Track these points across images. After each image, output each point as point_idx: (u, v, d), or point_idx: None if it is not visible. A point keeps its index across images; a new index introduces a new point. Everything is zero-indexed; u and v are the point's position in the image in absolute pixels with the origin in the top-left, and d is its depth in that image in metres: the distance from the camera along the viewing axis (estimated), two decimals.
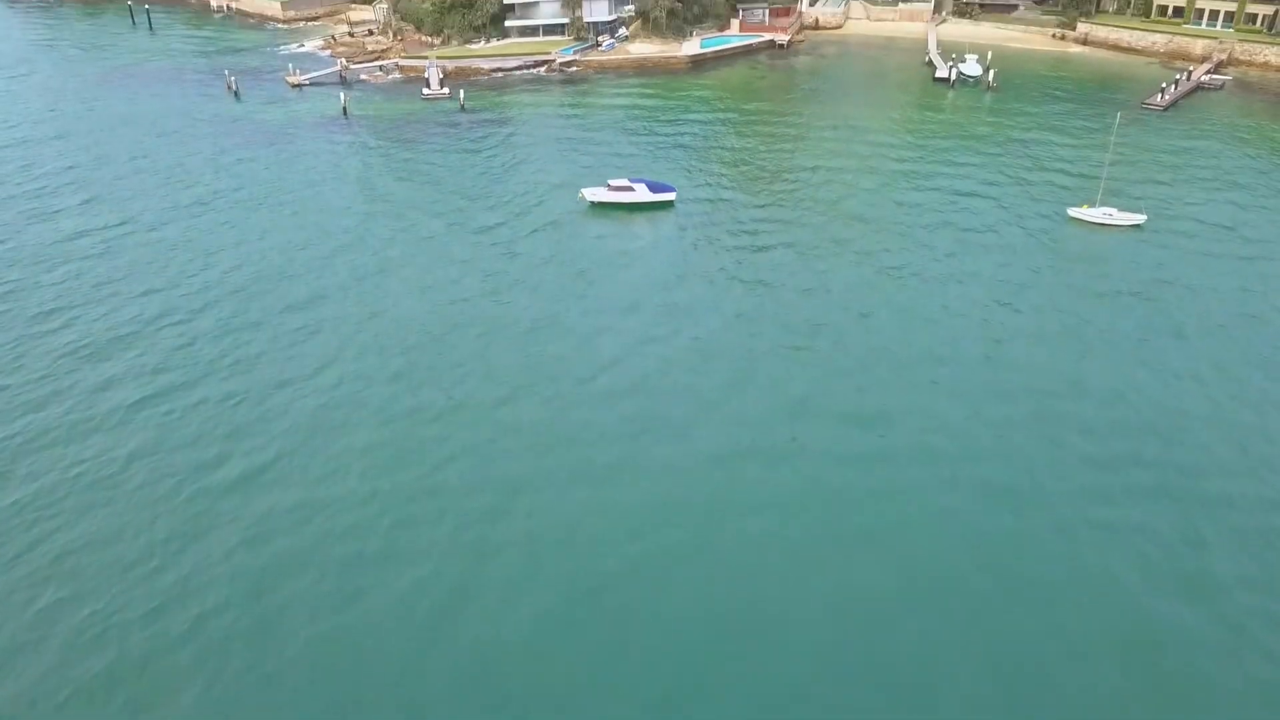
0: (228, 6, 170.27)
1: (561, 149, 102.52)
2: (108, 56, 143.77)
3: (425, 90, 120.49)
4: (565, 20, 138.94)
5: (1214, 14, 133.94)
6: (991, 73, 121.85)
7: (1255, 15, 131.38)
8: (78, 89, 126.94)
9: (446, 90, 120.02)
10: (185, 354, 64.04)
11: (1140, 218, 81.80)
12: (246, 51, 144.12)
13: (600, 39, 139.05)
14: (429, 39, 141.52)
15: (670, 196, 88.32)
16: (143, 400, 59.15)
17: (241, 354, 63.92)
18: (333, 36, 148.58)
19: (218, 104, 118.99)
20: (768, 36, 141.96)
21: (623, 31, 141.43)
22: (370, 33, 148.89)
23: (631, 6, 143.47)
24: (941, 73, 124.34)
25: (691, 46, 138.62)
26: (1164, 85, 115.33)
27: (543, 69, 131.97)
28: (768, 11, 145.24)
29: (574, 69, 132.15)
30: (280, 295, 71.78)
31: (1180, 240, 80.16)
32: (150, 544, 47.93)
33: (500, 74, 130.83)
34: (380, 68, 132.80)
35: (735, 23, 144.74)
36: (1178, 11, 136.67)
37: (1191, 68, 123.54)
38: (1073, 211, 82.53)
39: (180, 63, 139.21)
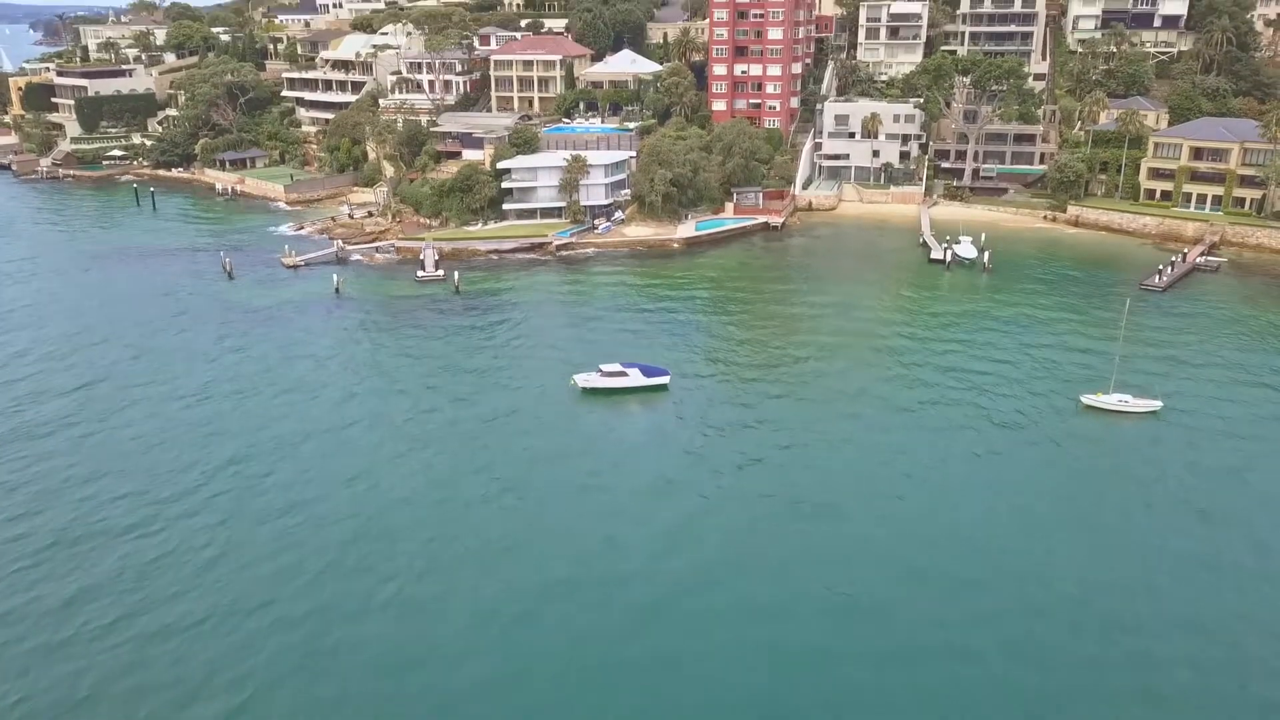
0: (232, 189, 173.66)
1: (554, 332, 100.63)
2: (109, 236, 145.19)
3: (420, 272, 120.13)
4: (563, 204, 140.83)
5: (1202, 198, 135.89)
6: (986, 254, 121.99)
7: (1243, 199, 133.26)
8: (75, 268, 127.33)
9: (441, 272, 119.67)
10: (164, 565, 59.12)
11: (1156, 404, 78.62)
12: (246, 232, 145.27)
13: (597, 221, 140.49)
14: (427, 221, 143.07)
15: (664, 380, 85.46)
16: (115, 621, 53.74)
17: (221, 567, 59.06)
18: (332, 218, 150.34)
19: (212, 285, 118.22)
20: (762, 218, 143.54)
21: (619, 214, 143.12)
22: (370, 215, 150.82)
23: (628, 190, 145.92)
24: (936, 254, 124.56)
25: (687, 229, 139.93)
26: (1161, 267, 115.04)
27: (539, 251, 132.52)
28: (761, 195, 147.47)
29: (571, 251, 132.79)
30: (262, 496, 67.53)
31: (1198, 426, 76.66)
32: None
33: (497, 255, 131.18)
34: (376, 249, 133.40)
35: (730, 205, 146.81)
36: (1166, 195, 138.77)
37: (1186, 249, 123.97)
38: (1086, 399, 79.31)
39: (179, 243, 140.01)
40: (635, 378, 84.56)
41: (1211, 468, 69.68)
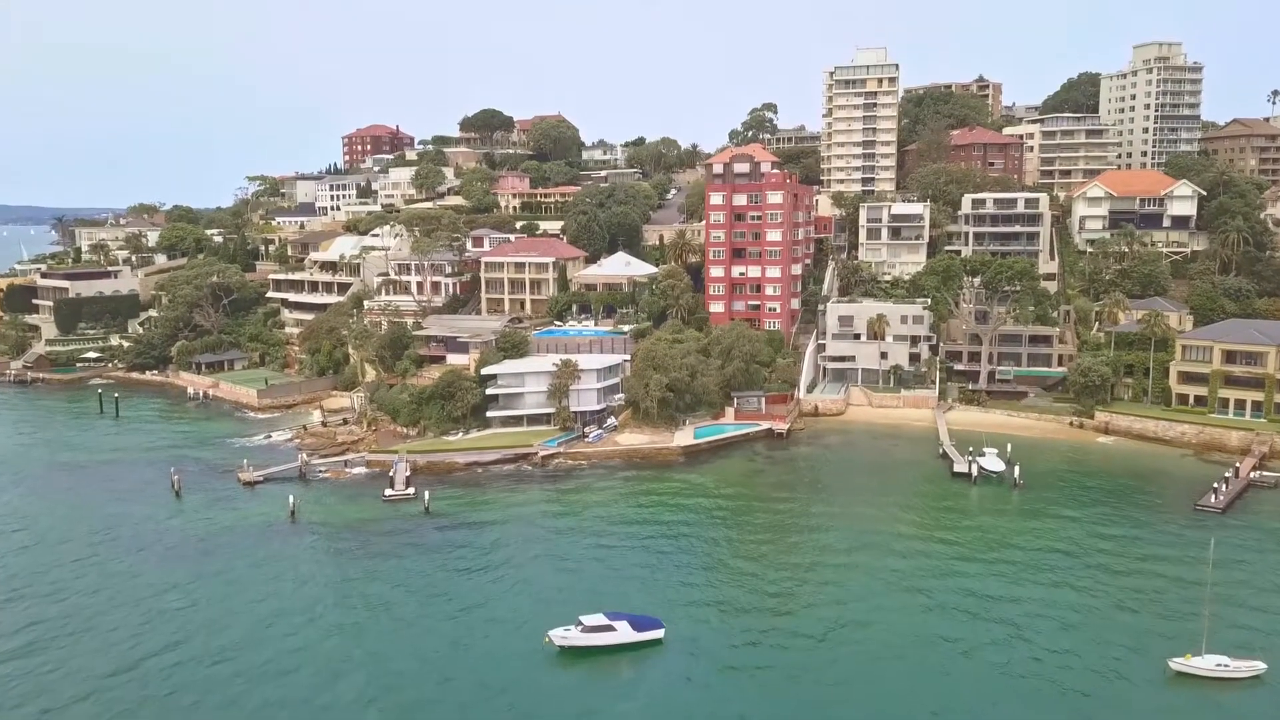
0: (204, 393, 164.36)
1: (530, 567, 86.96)
2: (60, 448, 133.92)
3: (388, 490, 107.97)
4: (551, 410, 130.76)
5: (1240, 403, 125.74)
6: (1016, 468, 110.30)
7: None
8: (10, 485, 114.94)
9: (411, 490, 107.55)
10: None
11: (1260, 666, 64.68)
12: (209, 443, 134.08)
13: (588, 429, 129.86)
14: (404, 430, 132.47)
15: (658, 634, 71.82)
16: None
17: None
18: (304, 426, 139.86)
19: (156, 508, 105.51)
20: (765, 424, 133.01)
21: (611, 421, 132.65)
22: (345, 422, 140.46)
23: (621, 395, 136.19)
24: (960, 467, 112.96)
25: (685, 436, 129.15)
26: (1215, 484, 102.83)
27: (523, 462, 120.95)
28: (764, 399, 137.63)
29: (558, 461, 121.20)
30: None
31: None
32: None
33: (478, 468, 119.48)
34: (345, 462, 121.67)
35: (730, 410, 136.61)
36: (1199, 400, 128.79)
37: (1237, 463, 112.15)
38: (1176, 664, 65.11)
39: (133, 455, 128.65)
40: (623, 632, 70.93)
41: None
